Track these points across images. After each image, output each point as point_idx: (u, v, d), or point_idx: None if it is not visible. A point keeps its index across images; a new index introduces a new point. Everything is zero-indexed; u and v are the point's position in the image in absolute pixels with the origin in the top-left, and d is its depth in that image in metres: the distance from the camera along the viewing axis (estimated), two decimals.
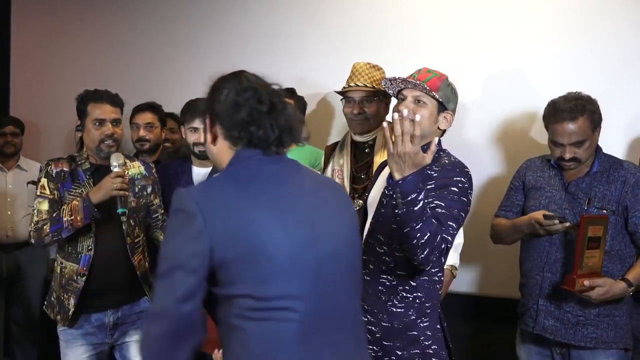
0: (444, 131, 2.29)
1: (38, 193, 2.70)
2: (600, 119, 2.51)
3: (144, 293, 2.82)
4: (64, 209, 2.62)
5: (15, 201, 4.04)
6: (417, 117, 1.98)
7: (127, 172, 2.74)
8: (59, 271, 2.75)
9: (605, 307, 2.47)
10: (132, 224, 2.78)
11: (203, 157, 3.09)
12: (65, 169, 2.73)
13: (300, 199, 1.60)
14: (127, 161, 2.81)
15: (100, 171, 2.76)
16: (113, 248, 2.73)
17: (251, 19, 4.04)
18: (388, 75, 3.12)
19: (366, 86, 2.88)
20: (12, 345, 4.07)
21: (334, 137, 3.57)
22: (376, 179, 2.42)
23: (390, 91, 2.37)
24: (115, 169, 2.65)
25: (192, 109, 3.09)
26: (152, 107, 3.58)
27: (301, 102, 3.44)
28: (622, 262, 2.51)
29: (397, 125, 1.85)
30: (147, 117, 3.52)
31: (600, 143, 2.59)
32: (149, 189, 2.88)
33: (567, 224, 2.39)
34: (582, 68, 3.27)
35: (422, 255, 1.90)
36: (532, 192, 2.66)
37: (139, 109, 3.57)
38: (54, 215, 2.63)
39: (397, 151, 1.85)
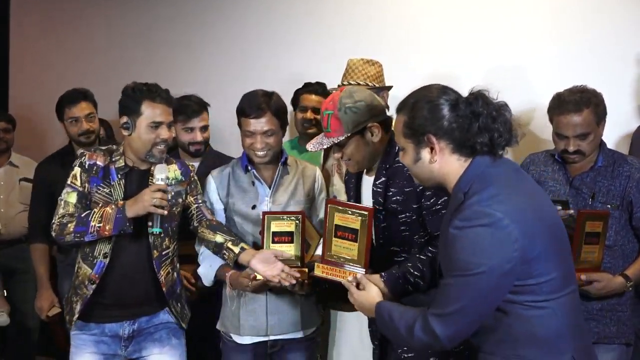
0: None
1: (68, 182, 2.46)
2: (604, 113, 2.52)
3: (166, 305, 2.57)
4: (95, 212, 2.38)
5: (8, 198, 3.96)
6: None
7: (169, 186, 2.46)
8: (76, 270, 2.53)
9: (608, 302, 2.47)
10: (162, 235, 2.48)
11: (198, 155, 3.12)
12: (99, 162, 2.47)
13: (533, 198, 1.73)
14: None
15: (132, 175, 2.50)
16: (136, 261, 2.48)
17: (250, 16, 4.04)
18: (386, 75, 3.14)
19: (359, 84, 2.87)
20: (7, 344, 3.99)
21: None
22: (358, 189, 2.44)
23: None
24: (158, 182, 2.39)
25: (186, 109, 3.07)
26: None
27: None
28: (626, 257, 2.51)
29: None
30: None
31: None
32: (184, 195, 2.59)
33: (571, 211, 2.38)
34: (581, 67, 3.28)
35: None
36: None
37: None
38: (83, 215, 2.39)
39: None
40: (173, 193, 2.51)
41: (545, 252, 1.64)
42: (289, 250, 2.48)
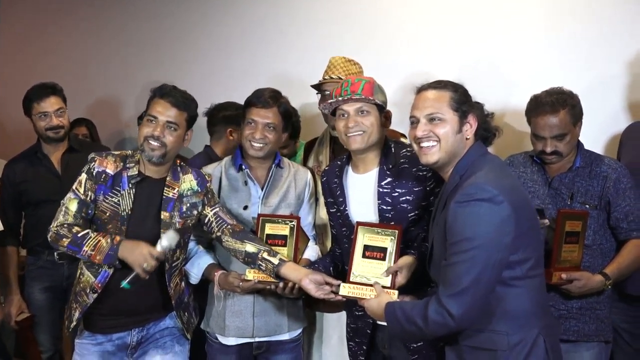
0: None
1: (73, 187, 2.36)
2: (581, 114, 2.55)
3: (172, 310, 2.52)
4: (91, 237, 2.27)
5: None
6: None
7: (184, 197, 2.43)
8: (77, 276, 2.44)
9: (587, 301, 2.50)
10: (174, 247, 2.39)
11: None
12: (108, 170, 2.35)
13: (518, 182, 2.14)
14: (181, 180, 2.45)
15: (144, 184, 2.40)
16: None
17: (241, 16, 4.08)
18: (366, 72, 3.16)
19: (340, 79, 2.85)
20: None
21: (316, 132, 3.58)
22: (342, 191, 2.45)
23: (325, 111, 2.47)
24: (159, 249, 2.25)
25: None
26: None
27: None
28: (604, 256, 2.55)
29: None
30: None
31: (581, 139, 2.62)
32: (200, 207, 2.49)
33: (545, 221, 2.42)
34: (568, 67, 3.27)
35: None
36: None
37: None
38: (79, 235, 2.28)
39: None
40: (188, 205, 2.41)
41: (529, 231, 1.86)
42: (282, 253, 2.47)
